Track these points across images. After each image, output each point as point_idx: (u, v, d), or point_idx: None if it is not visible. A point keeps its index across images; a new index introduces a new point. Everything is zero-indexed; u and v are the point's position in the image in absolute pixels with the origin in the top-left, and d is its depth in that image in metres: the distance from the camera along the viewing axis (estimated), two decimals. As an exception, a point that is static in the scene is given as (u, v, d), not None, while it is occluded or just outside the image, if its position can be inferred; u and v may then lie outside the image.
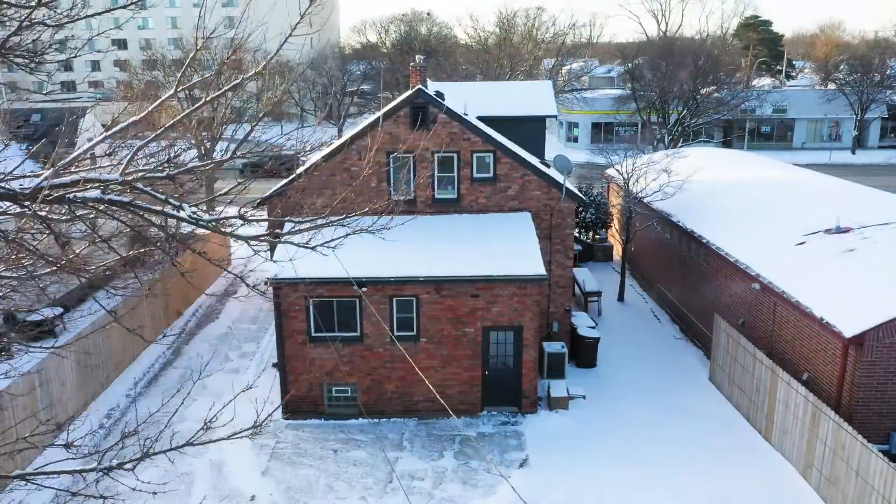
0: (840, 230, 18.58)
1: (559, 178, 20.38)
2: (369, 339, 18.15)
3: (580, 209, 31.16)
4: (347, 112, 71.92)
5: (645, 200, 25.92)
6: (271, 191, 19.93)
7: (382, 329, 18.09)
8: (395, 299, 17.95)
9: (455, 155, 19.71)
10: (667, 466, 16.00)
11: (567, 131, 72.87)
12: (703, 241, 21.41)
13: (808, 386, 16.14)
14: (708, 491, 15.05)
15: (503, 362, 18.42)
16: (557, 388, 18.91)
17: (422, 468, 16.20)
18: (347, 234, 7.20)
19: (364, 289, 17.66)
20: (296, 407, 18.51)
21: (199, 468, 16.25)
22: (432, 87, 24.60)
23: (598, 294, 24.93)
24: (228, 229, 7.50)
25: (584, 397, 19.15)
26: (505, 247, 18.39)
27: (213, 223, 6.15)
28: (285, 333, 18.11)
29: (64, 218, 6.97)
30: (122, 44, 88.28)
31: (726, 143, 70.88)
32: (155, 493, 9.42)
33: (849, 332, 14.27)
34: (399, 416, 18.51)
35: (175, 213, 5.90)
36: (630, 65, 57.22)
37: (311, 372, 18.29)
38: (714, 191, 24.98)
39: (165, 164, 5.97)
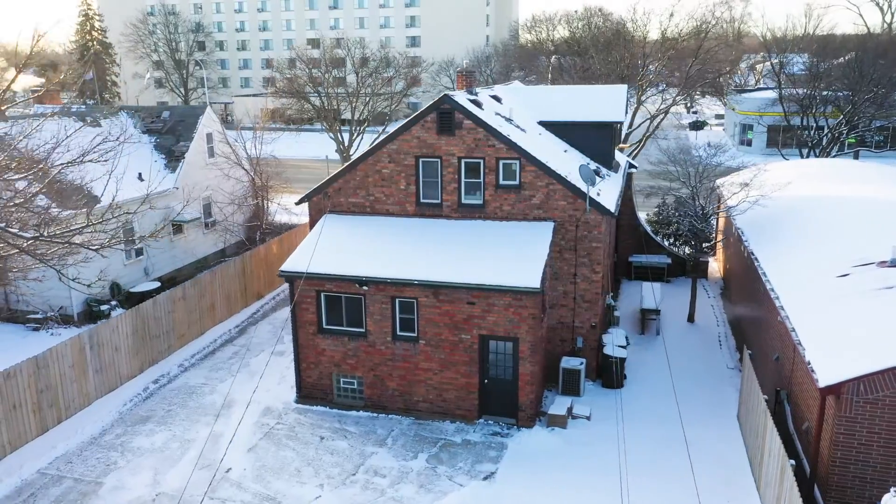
0: (896, 263, 16.01)
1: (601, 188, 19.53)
2: (372, 336, 18.82)
3: (675, 220, 29.24)
4: None
5: (729, 216, 23.90)
6: (312, 188, 21.29)
7: (384, 327, 18.68)
8: (396, 300, 18.44)
9: (481, 161, 19.66)
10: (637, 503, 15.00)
11: (741, 133, 67.62)
12: (756, 262, 19.41)
13: (806, 436, 14.28)
14: (661, 535, 13.94)
15: (503, 373, 18.20)
16: (558, 406, 18.30)
17: (390, 466, 16.61)
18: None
19: (365, 287, 18.36)
20: (308, 393, 19.73)
21: (201, 437, 17.98)
22: (497, 91, 24.57)
23: (657, 312, 23.42)
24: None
25: (587, 418, 18.34)
26: (511, 256, 18.10)
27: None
28: (299, 323, 19.35)
29: None
30: (314, 43, 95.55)
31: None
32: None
33: (824, 380, 12.45)
34: (399, 413, 19.00)
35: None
36: (774, 61, 51.69)
37: (322, 362, 19.37)
38: (799, 208, 22.36)
39: None
